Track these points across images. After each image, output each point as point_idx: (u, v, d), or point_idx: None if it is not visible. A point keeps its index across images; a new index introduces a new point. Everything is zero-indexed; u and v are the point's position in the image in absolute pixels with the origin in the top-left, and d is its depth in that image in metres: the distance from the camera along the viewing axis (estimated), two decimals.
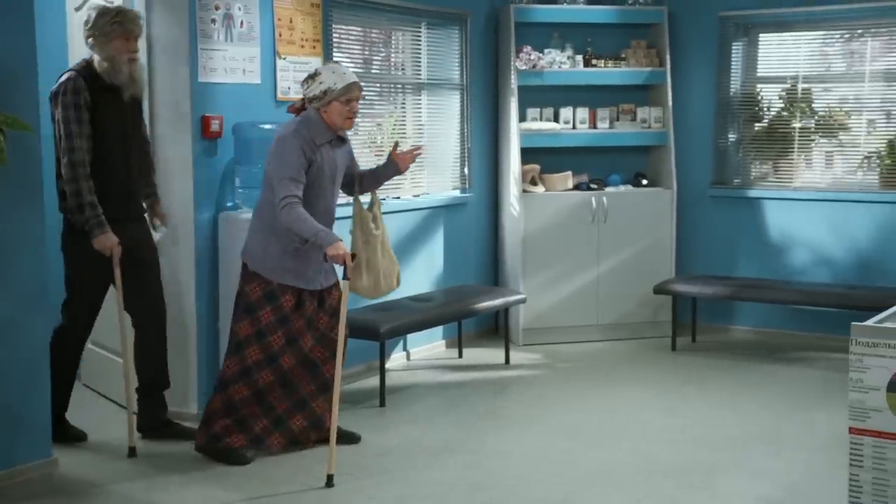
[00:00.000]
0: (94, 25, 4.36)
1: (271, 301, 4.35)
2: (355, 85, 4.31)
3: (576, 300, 6.74)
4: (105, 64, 4.36)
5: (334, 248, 4.13)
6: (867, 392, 2.66)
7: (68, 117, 4.29)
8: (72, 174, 4.29)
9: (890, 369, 2.62)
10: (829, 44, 6.85)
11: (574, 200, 6.75)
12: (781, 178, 6.92)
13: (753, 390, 5.65)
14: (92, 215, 4.31)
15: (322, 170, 4.30)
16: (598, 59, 6.88)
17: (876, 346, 2.64)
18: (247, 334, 4.37)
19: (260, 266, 4.36)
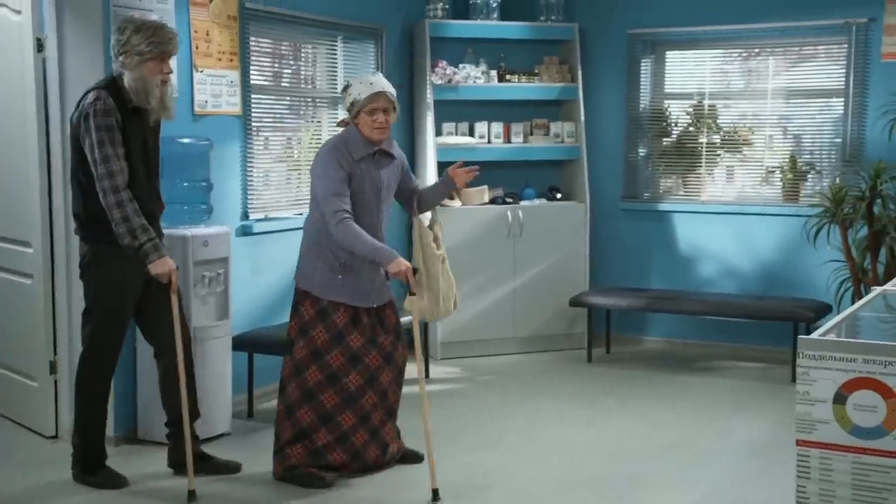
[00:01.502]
0: (128, 43, 4.02)
1: (324, 319, 4.20)
2: (380, 94, 4.13)
3: (493, 313, 6.71)
4: (135, 85, 4.04)
5: (395, 265, 3.99)
6: (814, 404, 2.66)
7: (103, 140, 3.96)
8: (116, 199, 3.96)
9: (836, 382, 2.64)
10: (732, 62, 7.00)
11: (490, 214, 6.72)
12: (690, 191, 7.03)
13: (670, 401, 5.70)
14: (146, 240, 3.99)
15: (363, 184, 4.15)
16: (512, 75, 6.89)
17: (822, 358, 2.64)
18: (303, 356, 4.22)
19: (309, 284, 4.22)
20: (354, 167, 4.11)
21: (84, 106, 4.03)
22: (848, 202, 6.07)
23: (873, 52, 6.35)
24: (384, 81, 4.19)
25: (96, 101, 3.98)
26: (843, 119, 6.49)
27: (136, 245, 3.97)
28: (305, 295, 4.21)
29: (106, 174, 3.96)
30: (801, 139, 6.77)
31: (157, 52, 4.03)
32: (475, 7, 6.94)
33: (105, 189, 3.96)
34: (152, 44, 4.01)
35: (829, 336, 2.76)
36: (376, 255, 4.01)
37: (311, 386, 4.20)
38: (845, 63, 6.48)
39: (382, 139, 4.18)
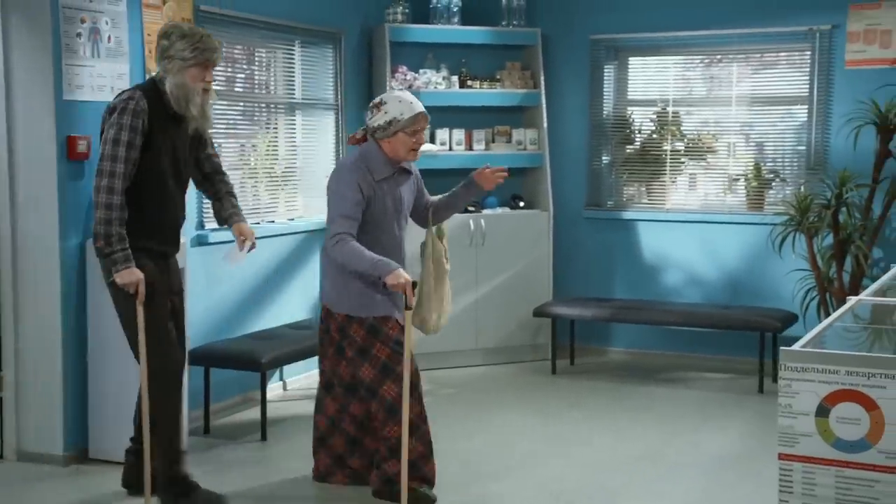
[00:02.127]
0: (173, 47, 4.01)
1: (377, 334, 4.13)
2: (422, 115, 4.13)
3: (455, 324, 6.63)
4: (176, 91, 4.02)
5: (393, 276, 3.91)
6: (796, 417, 2.67)
7: (119, 139, 3.93)
8: (108, 200, 3.91)
9: (819, 394, 2.64)
10: (696, 68, 7.06)
11: (452, 223, 6.58)
12: (654, 199, 7.06)
13: (636, 413, 5.70)
14: (119, 248, 3.93)
15: (384, 204, 4.12)
16: (474, 81, 6.88)
17: (805, 370, 2.65)
18: (372, 378, 4.14)
19: (349, 307, 4.15)
20: (375, 188, 4.07)
21: (116, 101, 4.01)
22: (813, 210, 6.13)
23: (837, 59, 6.44)
24: (419, 101, 4.20)
25: (129, 100, 3.97)
26: (808, 126, 6.57)
27: (107, 251, 3.93)
28: (349, 319, 4.15)
29: (108, 172, 3.92)
30: (765, 147, 6.84)
31: (200, 59, 4.01)
32: (436, 11, 6.92)
33: (101, 186, 3.91)
34: (196, 50, 4.00)
35: (811, 347, 2.76)
36: (376, 268, 3.94)
37: (390, 402, 4.11)
38: (809, 70, 6.55)
39: (415, 159, 4.18)
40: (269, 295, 5.98)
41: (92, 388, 4.76)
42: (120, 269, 3.94)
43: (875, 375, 2.59)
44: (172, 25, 4.13)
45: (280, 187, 6.26)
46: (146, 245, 4.07)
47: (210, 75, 4.09)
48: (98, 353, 4.72)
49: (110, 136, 3.94)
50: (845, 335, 3.20)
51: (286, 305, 6.11)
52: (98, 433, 4.75)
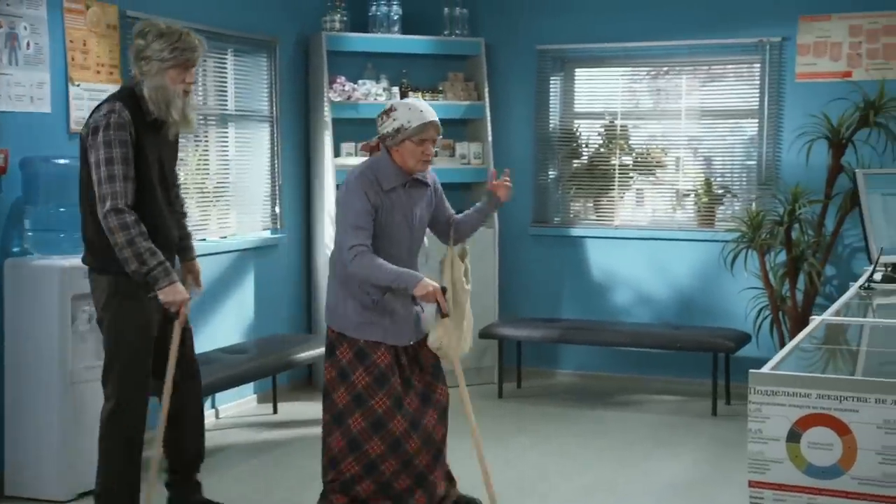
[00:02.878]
0: (149, 48, 3.86)
1: (363, 361, 4.00)
2: (431, 125, 3.99)
3: None
4: (155, 95, 3.86)
5: (421, 287, 3.84)
6: (766, 443, 2.63)
7: (111, 157, 3.76)
8: (119, 222, 3.74)
9: (790, 419, 2.61)
10: (644, 80, 7.08)
11: None
12: (602, 215, 7.06)
13: (587, 438, 5.66)
14: (155, 264, 3.79)
15: (392, 216, 4.00)
16: (415, 92, 6.82)
17: (775, 394, 2.62)
18: (345, 403, 4.01)
19: (342, 325, 4.03)
20: (383, 198, 3.97)
21: (95, 119, 3.83)
22: (765, 227, 6.17)
23: (787, 71, 6.51)
24: (432, 110, 4.06)
25: (109, 114, 3.79)
26: (758, 141, 6.62)
27: (143, 270, 3.77)
28: (341, 337, 4.04)
29: (109, 195, 3.75)
30: (716, 161, 6.88)
31: (180, 59, 3.87)
32: (375, 19, 6.86)
33: (106, 212, 3.75)
34: (176, 49, 3.86)
35: (780, 370, 2.73)
36: (400, 280, 3.85)
37: (354, 435, 4.00)
38: (759, 83, 6.62)
39: (425, 170, 4.08)
40: (201, 317, 5.84)
41: (8, 418, 4.57)
42: (164, 286, 3.81)
43: (847, 399, 2.57)
44: (148, 24, 3.96)
45: (212, 203, 6.12)
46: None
47: (191, 76, 3.95)
48: (14, 382, 4.53)
49: (101, 157, 3.77)
50: (812, 357, 3.19)
51: (219, 328, 5.97)
52: (16, 467, 4.56)
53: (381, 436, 3.97)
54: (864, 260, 6.29)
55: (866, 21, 6.38)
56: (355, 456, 3.99)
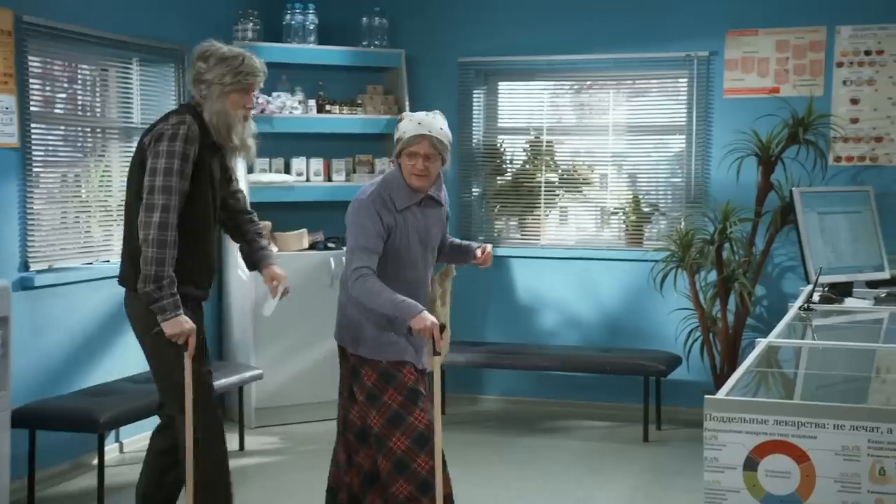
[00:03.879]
0: (210, 71, 3.88)
1: (390, 381, 3.94)
2: (423, 138, 3.86)
3: (315, 374, 6.49)
4: (216, 120, 3.89)
5: (418, 319, 3.75)
6: (723, 472, 2.64)
7: (172, 168, 3.75)
8: (161, 237, 3.74)
9: (746, 446, 2.62)
10: (571, 95, 7.14)
11: (310, 262, 6.53)
12: (527, 234, 7.08)
13: (516, 467, 5.64)
14: (168, 293, 3.77)
15: (407, 236, 3.94)
16: (333, 105, 6.77)
17: (731, 420, 2.62)
18: (380, 427, 3.94)
19: (361, 347, 3.98)
20: (397, 218, 3.92)
21: (162, 127, 3.84)
22: (695, 246, 6.25)
23: (715, 87, 6.63)
24: (438, 123, 3.93)
25: (179, 125, 3.80)
26: (687, 157, 6.72)
27: (156, 296, 3.76)
28: (361, 361, 3.98)
29: (161, 207, 3.75)
30: (643, 178, 6.96)
31: (243, 84, 3.90)
32: (290, 29, 6.79)
33: (153, 222, 3.74)
34: (239, 74, 3.88)
35: (735, 395, 2.74)
36: (398, 309, 3.78)
37: (400, 456, 3.92)
38: (687, 98, 6.72)
39: (420, 187, 3.95)
40: (106, 345, 5.67)
41: None
42: (169, 318, 3.80)
43: (805, 425, 2.58)
44: (210, 47, 3.96)
45: (115, 223, 5.96)
46: (185, 290, 3.89)
47: (251, 101, 3.97)
48: None
49: (160, 165, 3.76)
50: (764, 382, 3.22)
51: (125, 356, 5.79)
52: None
53: (426, 451, 3.92)
54: (794, 280, 6.45)
55: (793, 36, 6.54)
56: (405, 477, 3.92)
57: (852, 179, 6.39)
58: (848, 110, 6.43)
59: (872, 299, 4.59)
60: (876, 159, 6.38)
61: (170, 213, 3.75)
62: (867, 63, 6.41)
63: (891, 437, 2.55)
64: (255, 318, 6.34)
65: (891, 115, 6.37)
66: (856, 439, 2.57)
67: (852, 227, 4.73)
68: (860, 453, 2.57)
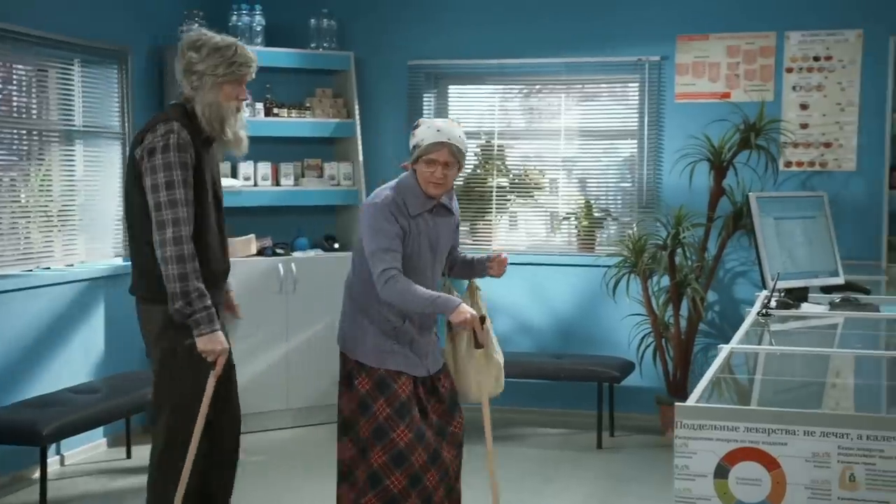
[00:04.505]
0: (203, 62, 3.77)
1: (384, 391, 3.91)
2: (442, 145, 3.82)
3: (263, 382, 6.42)
4: (209, 112, 3.77)
5: (458, 313, 3.77)
6: (693, 479, 2.62)
7: (173, 180, 3.64)
8: (178, 252, 3.64)
9: (717, 454, 2.61)
10: (522, 99, 7.13)
11: (258, 268, 6.46)
12: (479, 239, 7.06)
13: (471, 476, 5.54)
14: (200, 307, 3.67)
15: (419, 243, 3.93)
16: (280, 108, 6.70)
17: (702, 428, 2.61)
18: (366, 436, 3.91)
19: (359, 353, 3.96)
20: (411, 224, 3.90)
21: (151, 140, 3.69)
22: (648, 252, 6.27)
23: (667, 91, 6.66)
24: (457, 131, 3.91)
25: (168, 135, 3.67)
26: (639, 162, 6.74)
27: (187, 311, 3.67)
28: (359, 367, 3.95)
29: (171, 221, 3.65)
30: (595, 183, 6.97)
31: (237, 75, 3.80)
32: (236, 30, 6.69)
33: (166, 239, 3.64)
34: (233, 64, 3.78)
35: (704, 402, 2.73)
36: (436, 305, 3.79)
37: (375, 470, 3.89)
38: (638, 103, 6.75)
39: (436, 195, 3.94)
40: (46, 354, 5.55)
41: None
42: (204, 333, 3.70)
43: (776, 431, 2.58)
44: (201, 36, 3.85)
45: (56, 228, 5.84)
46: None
47: (244, 92, 3.88)
48: None
49: (160, 180, 3.65)
50: (735, 388, 3.22)
51: (66, 366, 5.68)
52: None
53: (403, 470, 3.88)
54: (745, 285, 6.50)
55: (743, 42, 6.59)
56: (376, 492, 3.89)
57: (802, 185, 6.46)
58: (798, 115, 6.50)
59: (828, 304, 4.63)
60: (825, 165, 6.46)
61: (181, 226, 3.66)
62: (816, 69, 6.48)
63: (861, 444, 2.55)
64: None
65: (839, 121, 6.45)
66: (826, 446, 2.57)
67: (807, 233, 4.76)
68: (830, 460, 2.57)
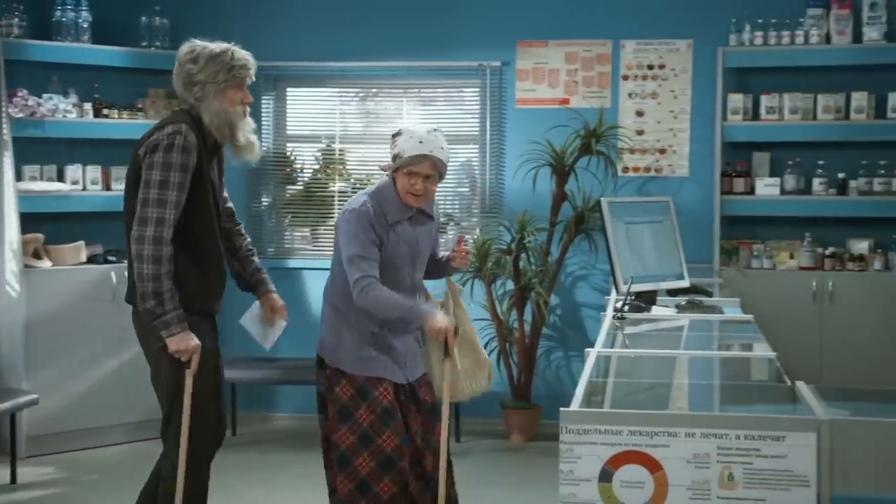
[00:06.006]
0: (202, 72, 3.75)
1: (365, 398, 3.88)
2: (425, 158, 3.83)
3: (96, 396, 6.22)
4: (217, 119, 3.75)
5: (434, 321, 3.78)
6: (578, 484, 2.67)
7: (168, 181, 3.62)
8: (156, 252, 3.61)
9: (602, 458, 2.66)
10: (363, 102, 7.12)
11: (89, 276, 6.24)
12: (321, 246, 7.00)
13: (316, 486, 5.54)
14: (171, 307, 3.65)
15: (397, 250, 3.91)
16: (111, 109, 6.49)
17: (587, 433, 2.65)
18: (349, 444, 3.87)
19: (340, 360, 3.92)
20: (389, 231, 3.89)
21: (157, 137, 3.67)
22: (492, 256, 6.36)
23: (508, 97, 6.77)
24: (439, 142, 3.90)
25: (175, 135, 3.65)
26: (481, 167, 6.83)
27: (158, 311, 3.64)
28: (339, 374, 3.91)
29: (154, 220, 3.62)
30: (438, 188, 7.00)
31: (238, 78, 3.80)
32: (60, 26, 6.44)
33: (147, 236, 3.61)
34: (233, 68, 3.78)
35: (585, 407, 2.79)
36: (412, 312, 3.82)
37: (363, 477, 3.84)
38: (480, 108, 6.84)
39: (415, 206, 3.95)
40: None
41: None
42: (175, 333, 3.67)
43: (658, 434, 2.65)
44: (197, 47, 3.85)
45: None
46: (195, 305, 3.78)
47: (248, 95, 3.87)
48: None
49: (155, 177, 3.63)
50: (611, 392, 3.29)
51: None
52: None
53: (391, 476, 3.85)
54: (586, 288, 6.70)
55: (581, 49, 6.78)
56: (367, 500, 3.85)
57: (639, 190, 6.68)
58: (634, 122, 6.72)
59: (675, 307, 4.80)
60: (660, 170, 6.71)
61: (164, 227, 3.63)
62: (650, 77, 6.72)
63: (738, 444, 2.65)
64: (27, 339, 5.98)
65: (673, 128, 6.71)
66: (706, 447, 2.65)
67: (655, 237, 4.92)
68: (710, 460, 2.66)
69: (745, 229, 6.53)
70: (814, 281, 6.24)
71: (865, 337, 6.18)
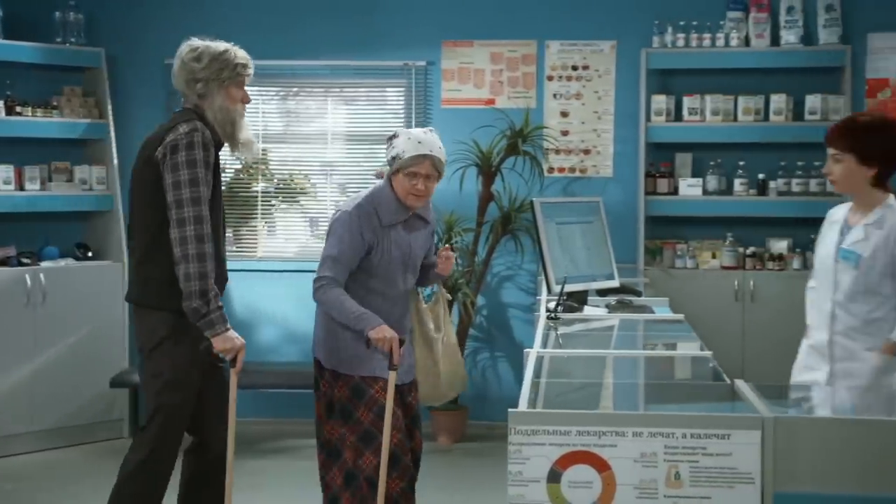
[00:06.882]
0: (207, 69, 3.75)
1: (362, 396, 3.92)
2: (426, 158, 3.87)
3: (4, 403, 6.04)
4: (220, 116, 3.78)
5: (377, 331, 3.79)
6: (527, 485, 2.67)
7: (197, 178, 3.62)
8: (200, 250, 3.60)
9: (550, 458, 2.66)
10: (286, 101, 7.05)
11: (2, 279, 6.07)
12: (244, 247, 6.93)
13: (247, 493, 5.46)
14: (216, 306, 3.66)
15: (390, 253, 3.94)
16: (24, 107, 6.35)
17: (535, 433, 2.66)
18: (351, 443, 3.93)
19: (334, 360, 3.98)
20: (381, 235, 3.92)
21: (174, 137, 3.64)
22: None
23: (434, 97, 6.77)
24: (436, 143, 3.95)
25: (193, 133, 3.64)
26: None
27: (203, 311, 3.63)
28: (334, 375, 3.96)
29: (193, 219, 3.61)
30: (358, 188, 6.97)
31: (241, 76, 3.83)
32: None
33: (189, 236, 3.60)
34: (236, 66, 3.81)
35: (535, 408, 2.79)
36: (358, 321, 3.82)
37: (370, 475, 3.88)
38: (405, 107, 6.82)
39: (416, 206, 3.98)
40: None
41: None
42: (220, 332, 3.68)
43: (606, 434, 2.66)
44: (199, 46, 3.83)
45: None
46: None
47: (247, 94, 3.90)
48: None
49: (184, 177, 3.62)
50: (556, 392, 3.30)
51: None
52: None
53: (398, 472, 3.90)
54: (511, 289, 6.73)
55: (506, 49, 6.80)
56: (374, 498, 3.87)
57: (564, 190, 6.73)
58: (559, 122, 6.77)
59: (605, 307, 4.84)
60: (585, 171, 6.77)
61: (203, 224, 3.64)
62: (574, 77, 6.78)
63: (685, 442, 2.67)
64: None
65: (597, 129, 6.77)
66: (653, 446, 2.67)
67: (585, 237, 4.96)
68: (657, 459, 2.68)
69: (669, 229, 6.62)
70: (735, 280, 6.36)
71: (785, 335, 6.27)
